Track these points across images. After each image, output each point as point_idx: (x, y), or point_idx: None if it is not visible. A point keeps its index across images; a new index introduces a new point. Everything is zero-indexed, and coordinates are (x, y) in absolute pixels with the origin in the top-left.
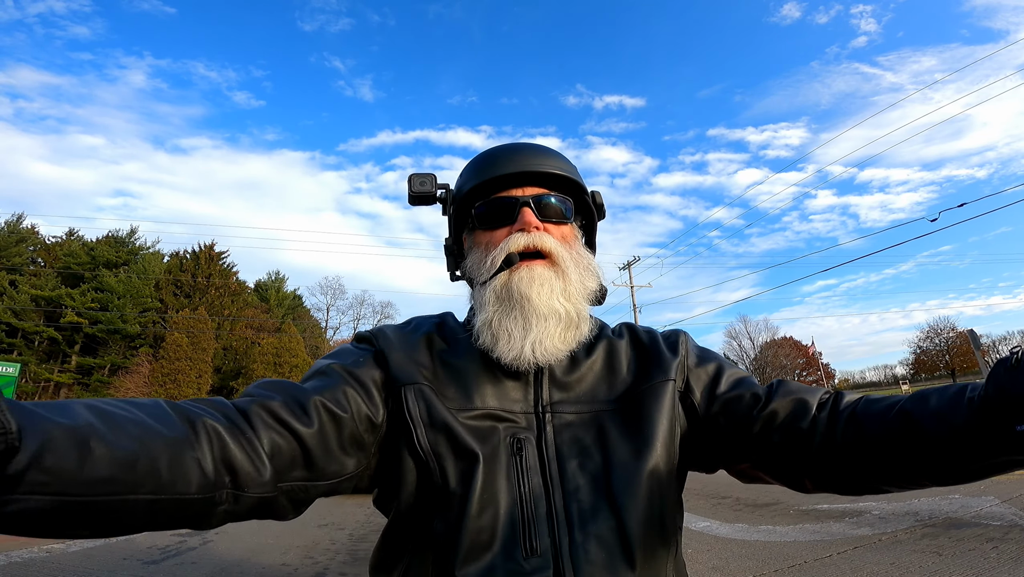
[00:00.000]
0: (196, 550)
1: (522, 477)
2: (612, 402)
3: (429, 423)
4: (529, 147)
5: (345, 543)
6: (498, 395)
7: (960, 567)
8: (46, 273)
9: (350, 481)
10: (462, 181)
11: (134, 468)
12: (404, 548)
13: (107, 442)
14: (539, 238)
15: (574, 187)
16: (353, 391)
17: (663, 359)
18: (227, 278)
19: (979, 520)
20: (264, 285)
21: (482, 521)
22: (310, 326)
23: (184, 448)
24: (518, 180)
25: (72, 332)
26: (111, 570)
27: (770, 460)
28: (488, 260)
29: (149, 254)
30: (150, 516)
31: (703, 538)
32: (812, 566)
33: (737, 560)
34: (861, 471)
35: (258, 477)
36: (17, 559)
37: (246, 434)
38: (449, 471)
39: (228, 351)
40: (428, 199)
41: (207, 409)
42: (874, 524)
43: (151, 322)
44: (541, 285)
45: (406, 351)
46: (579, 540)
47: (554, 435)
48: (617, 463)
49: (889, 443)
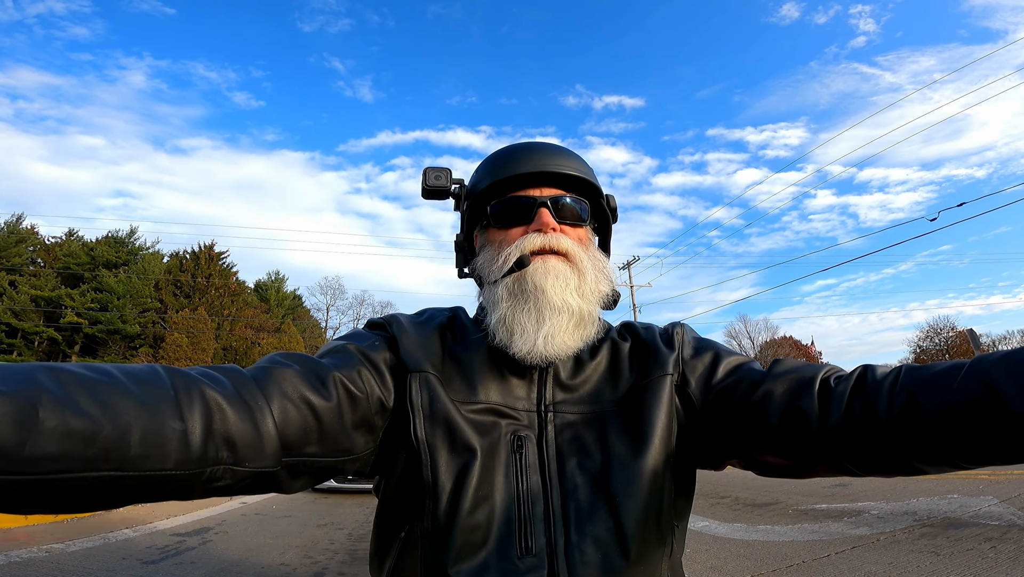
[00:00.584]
0: (195, 550)
1: (521, 475)
2: (614, 402)
3: (429, 413)
4: (547, 147)
5: (344, 543)
6: (502, 391)
7: (958, 567)
8: (46, 273)
9: (354, 463)
10: (478, 178)
11: (93, 442)
12: (394, 538)
13: (60, 412)
14: (555, 239)
15: (591, 189)
16: (368, 373)
17: (660, 354)
18: (227, 278)
19: (977, 520)
20: (264, 285)
21: (476, 518)
22: (310, 326)
23: (164, 419)
24: (536, 180)
25: (72, 332)
26: (110, 570)
27: (774, 445)
28: (501, 258)
29: (149, 254)
30: (118, 492)
31: (702, 537)
32: (810, 566)
33: (735, 560)
34: (912, 450)
35: (260, 450)
36: (16, 559)
37: (254, 404)
38: (441, 465)
39: (228, 351)
40: (442, 193)
41: (214, 376)
42: (872, 524)
43: (151, 322)
44: (556, 277)
45: (418, 339)
46: (575, 540)
47: (555, 434)
48: (616, 461)
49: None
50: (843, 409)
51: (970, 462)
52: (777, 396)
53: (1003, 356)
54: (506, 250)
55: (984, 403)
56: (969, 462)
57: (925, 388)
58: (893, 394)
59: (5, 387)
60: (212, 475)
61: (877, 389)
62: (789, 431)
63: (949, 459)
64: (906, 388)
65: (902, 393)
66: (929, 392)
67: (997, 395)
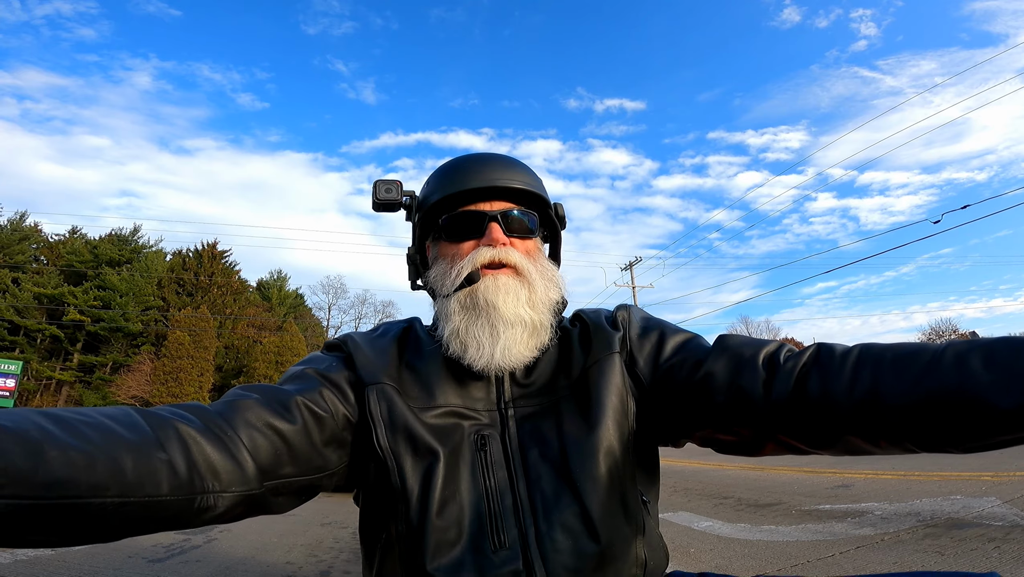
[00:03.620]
0: (200, 548)
1: (487, 472)
2: (568, 388)
3: (389, 422)
4: (496, 159)
5: (349, 542)
6: (461, 394)
7: (963, 566)
8: (49, 271)
9: (331, 478)
10: (428, 190)
11: (93, 469)
12: (375, 545)
13: (60, 444)
14: (505, 252)
15: (539, 201)
16: (330, 392)
17: (606, 334)
18: (229, 277)
19: (981, 520)
20: (266, 284)
21: (446, 517)
22: (312, 325)
23: (150, 451)
24: (485, 194)
25: (74, 330)
26: (116, 568)
27: (721, 423)
28: (453, 272)
29: (152, 252)
30: (122, 520)
31: (705, 538)
32: (815, 565)
33: (740, 559)
34: (865, 431)
35: (242, 475)
36: (22, 557)
37: (224, 435)
38: (407, 470)
39: (230, 350)
40: (393, 206)
41: (181, 413)
42: (876, 524)
43: (153, 320)
44: (507, 293)
45: (372, 353)
46: (544, 529)
47: (516, 428)
48: (571, 443)
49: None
50: (791, 386)
51: (924, 448)
52: (719, 374)
53: (980, 346)
54: (458, 264)
55: (961, 396)
56: (923, 448)
57: (890, 372)
58: (855, 375)
59: (9, 423)
60: (204, 502)
61: (837, 369)
62: (733, 408)
63: (901, 443)
64: (871, 370)
65: (865, 375)
66: (895, 377)
67: (977, 389)
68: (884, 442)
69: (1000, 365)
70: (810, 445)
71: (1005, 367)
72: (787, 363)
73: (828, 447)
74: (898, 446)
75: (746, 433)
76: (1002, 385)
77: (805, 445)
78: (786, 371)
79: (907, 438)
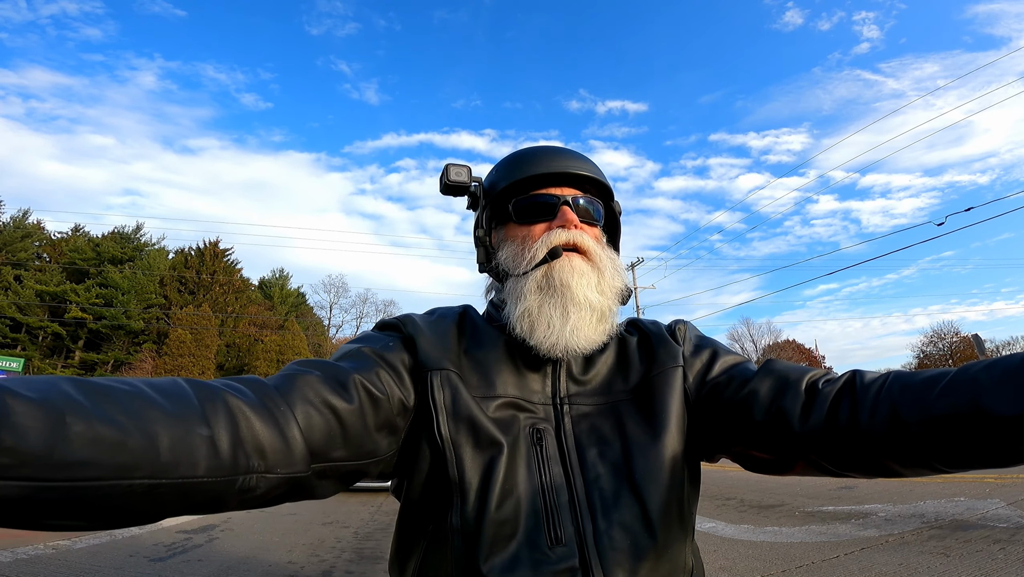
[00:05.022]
0: (202, 547)
1: (543, 466)
2: (628, 392)
3: (452, 411)
4: (565, 149)
5: (351, 541)
6: (519, 385)
7: (968, 568)
8: (51, 268)
9: (378, 465)
10: (496, 177)
11: (123, 449)
12: (419, 538)
13: (87, 419)
14: (578, 236)
15: (604, 192)
16: (386, 374)
17: (670, 347)
18: (231, 275)
19: (985, 522)
20: (268, 283)
21: (504, 512)
22: (313, 324)
23: (191, 426)
24: (557, 180)
25: (76, 327)
26: (117, 567)
27: (757, 441)
28: (528, 253)
29: (154, 251)
30: (152, 503)
31: (709, 538)
32: (820, 566)
33: (744, 560)
34: (891, 454)
35: (289, 456)
36: (23, 556)
37: (278, 411)
38: (467, 461)
39: (231, 348)
40: (461, 190)
41: (235, 386)
42: (880, 526)
43: (155, 318)
44: (580, 276)
45: (434, 337)
46: (603, 527)
47: (572, 425)
48: (636, 448)
49: (950, 425)
50: (825, 411)
51: (950, 466)
52: (763, 394)
53: (988, 364)
54: (532, 244)
55: (969, 412)
56: (949, 466)
57: (909, 397)
58: (877, 401)
59: (31, 393)
60: (245, 484)
61: (863, 395)
62: (771, 428)
63: (928, 463)
64: (891, 396)
65: (886, 401)
66: (913, 401)
67: (982, 403)
68: (911, 464)
69: (1006, 375)
70: (838, 468)
71: (1011, 377)
72: (824, 388)
73: (856, 470)
74: (926, 467)
75: (779, 452)
76: (1006, 394)
77: (833, 467)
78: (823, 396)
79: (933, 458)
